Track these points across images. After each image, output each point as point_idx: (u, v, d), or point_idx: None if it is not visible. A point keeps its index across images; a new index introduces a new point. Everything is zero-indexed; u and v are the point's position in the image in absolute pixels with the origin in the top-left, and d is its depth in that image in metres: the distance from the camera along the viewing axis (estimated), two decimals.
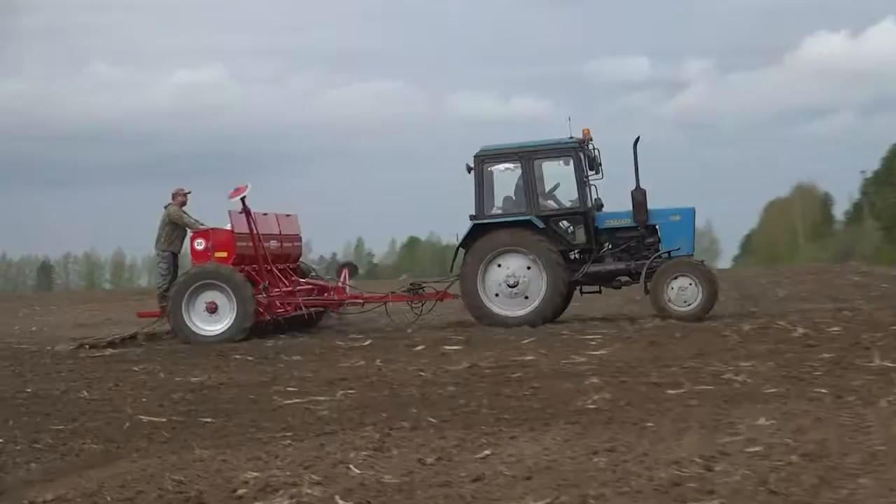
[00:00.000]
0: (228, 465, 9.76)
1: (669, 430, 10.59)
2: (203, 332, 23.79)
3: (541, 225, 24.13)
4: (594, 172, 24.75)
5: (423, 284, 26.64)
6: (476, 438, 10.53)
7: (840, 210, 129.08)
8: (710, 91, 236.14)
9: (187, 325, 23.94)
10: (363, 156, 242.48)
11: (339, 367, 17.64)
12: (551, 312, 23.99)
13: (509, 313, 23.95)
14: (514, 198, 24.92)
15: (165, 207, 25.65)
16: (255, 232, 24.58)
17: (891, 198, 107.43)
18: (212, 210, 26.84)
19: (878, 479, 8.10)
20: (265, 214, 25.65)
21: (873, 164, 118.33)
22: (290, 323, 25.66)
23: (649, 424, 10.93)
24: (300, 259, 28.23)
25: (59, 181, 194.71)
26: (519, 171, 24.81)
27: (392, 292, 26.63)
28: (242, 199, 24.27)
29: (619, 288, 25.13)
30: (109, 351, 22.33)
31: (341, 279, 27.55)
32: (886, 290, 28.22)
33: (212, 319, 23.93)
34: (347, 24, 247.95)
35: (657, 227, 24.47)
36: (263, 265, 25.03)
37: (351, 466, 9.38)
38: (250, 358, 19.68)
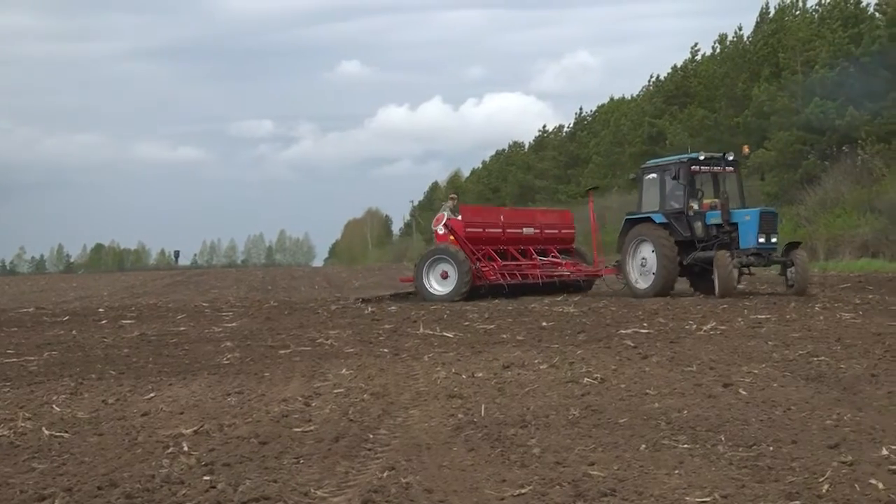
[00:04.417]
0: None
1: (280, 378, 10.60)
2: (434, 292, 23.26)
3: (658, 220, 21.99)
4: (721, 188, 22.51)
5: None
6: (144, 385, 10.26)
7: (397, 227, 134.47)
8: (315, 145, 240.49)
9: (425, 287, 23.64)
10: (72, 185, 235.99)
11: (46, 335, 16.81)
12: (664, 287, 21.70)
13: (641, 286, 22.06)
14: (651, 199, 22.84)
15: (443, 203, 25.54)
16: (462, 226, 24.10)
17: (430, 219, 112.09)
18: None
19: (423, 410, 8.33)
20: (541, 210, 24.83)
21: (420, 195, 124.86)
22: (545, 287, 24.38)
23: (266, 374, 10.90)
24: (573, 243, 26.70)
25: None
26: (660, 179, 22.58)
27: (606, 266, 24.74)
28: (445, 224, 24.30)
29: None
30: None
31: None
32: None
33: (444, 283, 23.51)
34: (62, 90, 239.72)
35: (737, 224, 21.41)
36: (489, 246, 24.23)
37: (54, 406, 9.01)
38: None
